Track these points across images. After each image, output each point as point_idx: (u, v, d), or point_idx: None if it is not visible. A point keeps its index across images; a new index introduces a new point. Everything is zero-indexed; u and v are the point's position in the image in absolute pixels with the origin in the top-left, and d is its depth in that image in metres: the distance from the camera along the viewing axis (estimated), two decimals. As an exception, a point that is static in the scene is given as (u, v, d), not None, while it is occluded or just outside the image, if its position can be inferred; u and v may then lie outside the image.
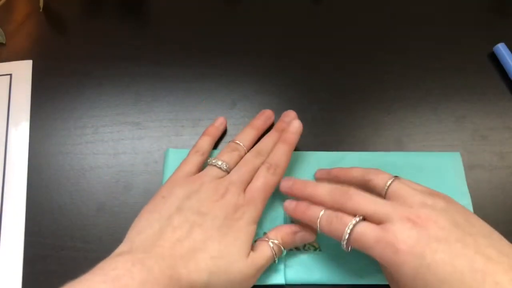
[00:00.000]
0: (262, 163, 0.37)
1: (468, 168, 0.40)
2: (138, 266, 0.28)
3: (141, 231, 0.32)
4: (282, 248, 0.34)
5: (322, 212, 0.32)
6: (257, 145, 0.38)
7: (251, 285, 0.33)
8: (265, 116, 0.41)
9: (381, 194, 0.32)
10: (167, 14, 0.49)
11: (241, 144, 0.38)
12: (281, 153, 0.37)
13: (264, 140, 0.39)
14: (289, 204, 0.35)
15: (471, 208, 0.38)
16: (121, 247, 0.31)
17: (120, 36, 0.47)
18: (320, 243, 0.37)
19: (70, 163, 0.41)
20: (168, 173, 0.39)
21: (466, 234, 0.28)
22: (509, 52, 0.44)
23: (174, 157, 0.40)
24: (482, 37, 0.46)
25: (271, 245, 0.33)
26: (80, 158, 0.41)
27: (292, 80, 0.45)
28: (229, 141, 0.39)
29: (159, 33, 0.47)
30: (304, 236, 0.35)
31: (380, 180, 0.33)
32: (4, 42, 0.47)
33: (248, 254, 0.32)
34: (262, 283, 0.35)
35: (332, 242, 0.33)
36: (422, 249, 0.27)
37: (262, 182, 0.35)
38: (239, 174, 0.35)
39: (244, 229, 0.33)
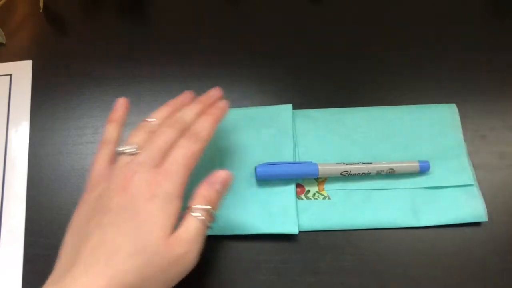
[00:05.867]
0: (179, 131, 0.32)
1: (468, 168, 0.40)
2: None
3: (62, 254, 0.30)
4: (211, 209, 0.30)
5: None
6: (170, 115, 0.34)
7: (193, 260, 0.29)
8: (185, 96, 0.37)
9: None
10: (167, 14, 0.49)
11: (154, 120, 0.34)
12: (205, 123, 0.33)
13: (182, 110, 0.34)
14: None
15: (465, 159, 0.40)
16: (49, 279, 0.29)
17: (120, 36, 0.47)
18: (328, 192, 0.39)
19: (70, 163, 0.41)
20: None
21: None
22: None
23: None
24: (482, 37, 0.46)
25: (194, 214, 0.30)
26: (80, 158, 0.41)
27: (292, 80, 0.45)
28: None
29: (159, 33, 0.47)
30: (222, 177, 0.32)
31: None
32: (4, 42, 0.47)
33: (169, 235, 0.28)
34: (277, 232, 0.37)
35: (339, 191, 0.38)
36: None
37: (179, 152, 0.31)
38: (148, 151, 0.31)
39: (160, 209, 0.29)
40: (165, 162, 0.31)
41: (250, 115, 0.41)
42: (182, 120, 0.33)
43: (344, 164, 0.38)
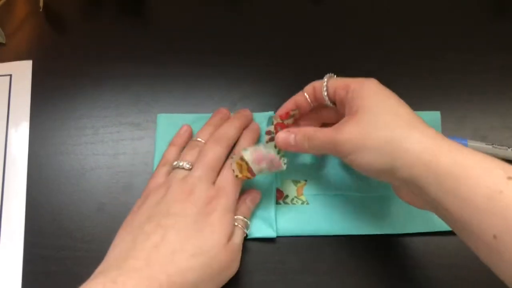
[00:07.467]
0: (225, 148, 0.37)
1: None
2: (109, 286, 0.27)
3: (115, 247, 0.32)
4: (246, 219, 0.36)
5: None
6: (215, 132, 0.38)
7: (237, 267, 0.34)
8: (222, 113, 0.41)
9: None
10: (167, 14, 0.49)
11: (202, 140, 0.38)
12: (248, 139, 0.38)
13: (222, 126, 0.38)
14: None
15: None
16: (98, 268, 0.30)
17: (120, 36, 0.47)
18: (307, 197, 0.39)
19: (70, 164, 0.41)
20: (159, 139, 0.41)
21: None
22: None
23: (166, 123, 0.41)
24: (482, 37, 0.46)
25: (236, 224, 0.35)
26: (80, 158, 0.41)
27: (292, 80, 0.44)
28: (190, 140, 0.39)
29: (159, 33, 0.47)
30: (252, 196, 0.37)
31: None
32: (4, 42, 0.47)
33: (227, 242, 0.32)
34: (254, 236, 0.37)
35: (318, 195, 0.38)
36: None
37: (230, 173, 0.35)
38: (202, 166, 0.35)
39: (219, 220, 0.33)
40: (220, 180, 0.35)
41: None
42: (226, 136, 0.37)
43: None
